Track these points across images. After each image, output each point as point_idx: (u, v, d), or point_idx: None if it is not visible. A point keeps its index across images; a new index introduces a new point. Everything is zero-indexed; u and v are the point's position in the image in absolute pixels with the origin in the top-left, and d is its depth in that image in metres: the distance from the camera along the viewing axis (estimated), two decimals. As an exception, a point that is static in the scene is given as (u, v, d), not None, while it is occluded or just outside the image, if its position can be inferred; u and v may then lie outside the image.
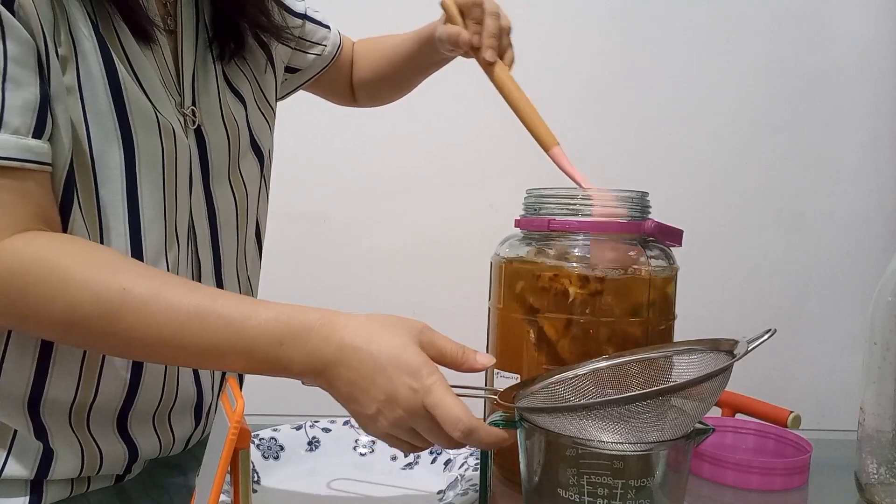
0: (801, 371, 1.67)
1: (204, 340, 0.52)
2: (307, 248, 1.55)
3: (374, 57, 0.95)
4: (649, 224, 0.63)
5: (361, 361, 0.52)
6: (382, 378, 0.51)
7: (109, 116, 0.58)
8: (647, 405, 0.47)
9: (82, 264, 0.52)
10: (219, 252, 0.71)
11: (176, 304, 0.52)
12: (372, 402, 0.52)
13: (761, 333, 0.49)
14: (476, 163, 1.57)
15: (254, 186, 0.76)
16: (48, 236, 0.54)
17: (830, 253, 1.66)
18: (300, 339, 0.53)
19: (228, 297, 0.54)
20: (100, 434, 0.64)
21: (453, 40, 0.78)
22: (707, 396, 0.50)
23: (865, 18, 1.62)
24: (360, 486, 0.68)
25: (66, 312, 0.52)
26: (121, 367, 0.63)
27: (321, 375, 0.53)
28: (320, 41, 0.90)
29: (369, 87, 0.97)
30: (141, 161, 0.60)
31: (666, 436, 0.49)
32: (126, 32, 0.60)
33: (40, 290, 0.51)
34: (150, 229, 0.62)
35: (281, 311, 0.53)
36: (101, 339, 0.53)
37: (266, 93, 0.78)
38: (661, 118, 1.61)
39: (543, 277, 0.63)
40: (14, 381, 0.60)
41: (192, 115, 0.67)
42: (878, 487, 0.66)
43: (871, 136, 1.65)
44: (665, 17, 1.60)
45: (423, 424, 0.52)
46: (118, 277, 0.52)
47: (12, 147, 0.51)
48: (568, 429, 0.50)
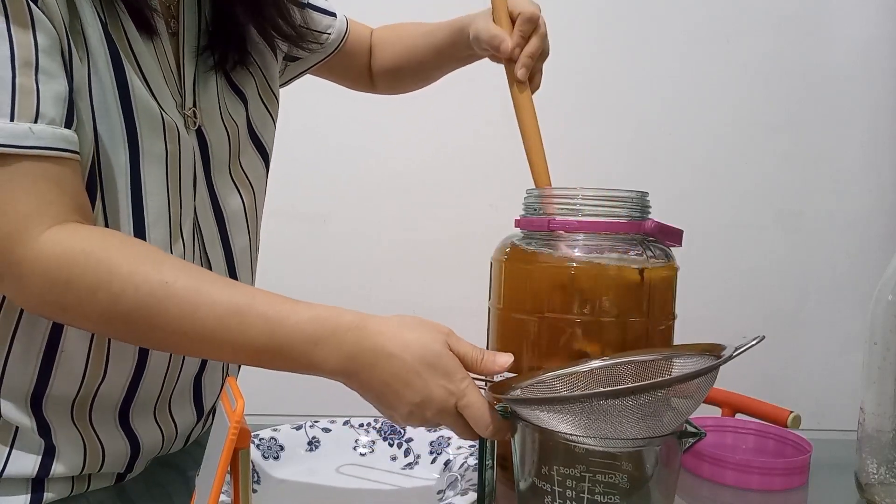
0: (801, 371, 1.67)
1: (242, 337, 0.54)
2: (307, 248, 1.55)
3: (397, 45, 0.93)
4: (649, 224, 0.63)
5: (395, 367, 0.54)
6: (419, 382, 0.54)
7: (116, 115, 0.59)
8: (630, 400, 0.48)
9: (126, 257, 0.53)
10: (231, 252, 0.72)
11: (216, 299, 0.53)
12: (407, 405, 0.55)
13: (749, 340, 0.50)
14: (476, 163, 1.56)
15: (260, 184, 0.76)
16: (90, 229, 0.55)
17: (830, 253, 1.66)
18: (335, 341, 0.54)
19: (266, 296, 0.55)
20: (101, 427, 0.64)
21: (495, 43, 0.76)
22: (692, 395, 0.50)
23: (865, 18, 1.62)
24: (360, 485, 0.68)
25: (108, 304, 0.53)
26: (125, 363, 0.64)
27: (353, 377, 0.55)
28: (325, 30, 0.88)
29: (390, 75, 0.95)
30: (145, 160, 0.61)
31: (651, 433, 0.50)
32: (134, 32, 0.61)
33: (85, 281, 0.52)
34: (154, 227, 0.62)
35: (317, 312, 0.55)
36: (142, 332, 0.55)
37: (270, 81, 0.78)
38: (661, 118, 1.61)
39: (543, 277, 0.63)
40: (18, 377, 0.60)
41: (193, 116, 0.67)
42: (878, 487, 0.66)
43: (871, 136, 1.65)
44: (665, 17, 1.60)
45: (450, 421, 0.56)
46: (161, 271, 0.53)
47: (49, 137, 0.52)
48: (551, 423, 0.51)
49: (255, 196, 0.75)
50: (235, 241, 0.72)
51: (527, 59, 0.76)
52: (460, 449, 0.70)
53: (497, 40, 0.76)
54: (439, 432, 0.74)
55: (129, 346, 0.63)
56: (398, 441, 0.74)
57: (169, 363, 0.67)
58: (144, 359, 0.65)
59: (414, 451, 0.73)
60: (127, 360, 0.64)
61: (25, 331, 0.60)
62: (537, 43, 0.76)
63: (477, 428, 0.55)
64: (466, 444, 0.71)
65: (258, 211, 0.76)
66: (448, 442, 0.72)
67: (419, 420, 0.56)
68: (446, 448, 0.71)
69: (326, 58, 0.91)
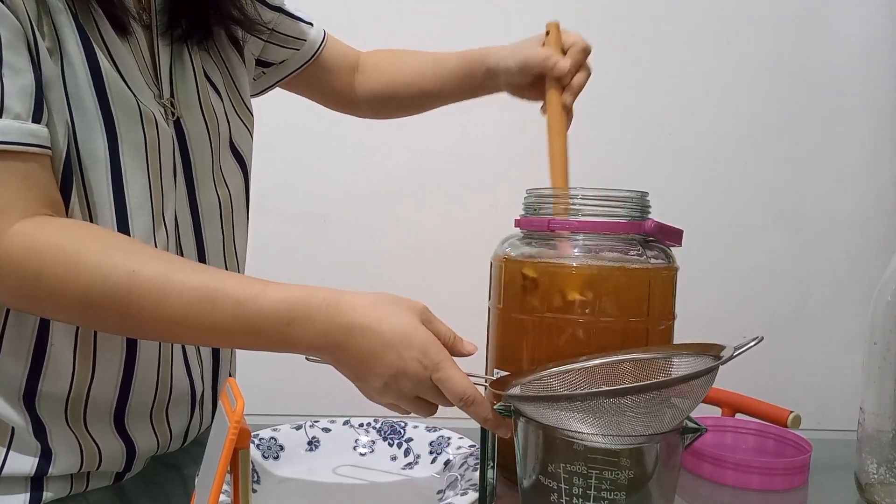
0: (801, 371, 1.67)
1: (213, 320, 0.54)
2: (307, 248, 1.55)
3: (397, 71, 0.94)
4: (649, 224, 0.63)
5: (371, 341, 0.54)
6: (392, 355, 0.54)
7: (92, 105, 0.59)
8: (631, 400, 0.48)
9: (93, 248, 0.53)
10: (202, 244, 0.72)
11: (186, 285, 0.54)
12: (380, 378, 0.55)
13: (748, 340, 0.51)
14: (476, 163, 1.56)
15: (238, 186, 0.76)
16: (58, 221, 0.55)
17: (830, 253, 1.66)
18: (308, 319, 0.54)
19: (236, 279, 0.56)
20: (97, 431, 0.64)
21: (550, 63, 0.77)
22: (691, 395, 0.50)
23: (865, 18, 1.62)
24: (360, 485, 0.68)
25: (79, 295, 0.53)
26: (113, 359, 0.64)
27: (328, 353, 0.56)
28: (298, 36, 0.88)
29: (381, 99, 0.95)
30: (124, 148, 0.61)
31: (650, 430, 0.50)
32: (105, 22, 0.61)
33: (54, 274, 0.52)
34: (137, 215, 0.62)
35: (288, 291, 0.55)
36: (116, 320, 0.55)
37: (241, 90, 0.78)
38: (661, 118, 1.61)
39: (543, 277, 0.63)
40: (9, 373, 0.60)
41: (171, 106, 0.67)
42: (878, 487, 0.66)
43: (871, 136, 1.65)
44: (665, 17, 1.60)
45: (429, 394, 0.56)
46: (128, 260, 0.53)
47: (15, 131, 0.52)
48: (552, 419, 0.51)
49: (233, 202, 0.75)
50: (208, 236, 0.73)
51: (577, 87, 0.78)
52: (460, 449, 0.70)
53: (553, 60, 0.78)
54: (439, 432, 0.74)
55: (115, 341, 0.64)
56: (398, 441, 0.74)
57: (159, 367, 0.68)
58: (133, 355, 0.65)
59: (414, 451, 0.73)
60: (115, 353, 0.64)
61: (14, 325, 0.60)
62: (586, 76, 0.79)
63: (452, 399, 0.55)
64: (466, 445, 0.71)
65: (234, 214, 0.76)
66: (448, 442, 0.72)
67: (395, 394, 0.56)
68: (446, 448, 0.71)
69: (301, 67, 0.91)
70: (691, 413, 0.53)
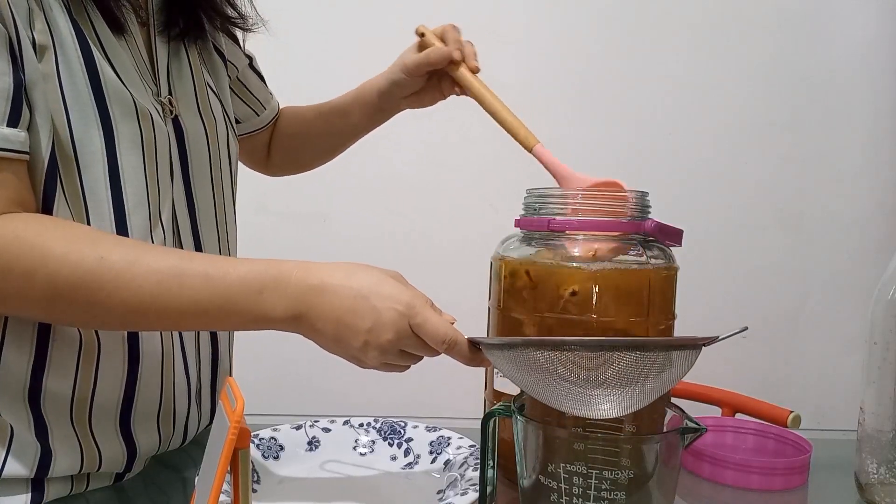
0: (801, 371, 1.67)
1: (184, 299, 0.54)
2: (307, 248, 1.55)
3: (301, 117, 0.96)
4: (649, 224, 0.63)
5: (342, 297, 0.54)
6: (366, 306, 0.54)
7: (88, 102, 0.59)
8: (603, 357, 0.48)
9: (60, 238, 0.53)
10: (200, 244, 0.73)
11: (153, 267, 0.54)
12: (358, 335, 0.55)
13: (735, 330, 0.51)
14: (476, 163, 1.56)
15: (229, 195, 0.78)
16: (25, 216, 0.54)
17: (830, 253, 1.66)
18: (279, 285, 0.55)
19: (204, 256, 0.57)
20: (100, 432, 0.64)
21: (445, 56, 0.80)
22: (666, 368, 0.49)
23: (865, 19, 1.62)
24: (360, 485, 0.68)
25: (47, 287, 0.52)
26: (117, 360, 0.64)
27: (303, 319, 0.55)
28: (264, 102, 0.92)
29: (291, 149, 0.98)
30: (121, 145, 0.61)
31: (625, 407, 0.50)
32: (100, 20, 0.61)
33: (20, 267, 0.52)
34: (135, 213, 0.62)
35: (256, 263, 0.56)
36: (84, 309, 0.54)
37: (226, 101, 0.79)
38: (661, 118, 1.61)
39: (543, 277, 0.63)
40: (13, 371, 0.60)
41: (168, 104, 0.68)
42: (878, 487, 0.66)
43: (871, 137, 1.65)
44: (665, 17, 1.60)
45: (410, 343, 0.56)
46: (95, 247, 0.53)
47: None
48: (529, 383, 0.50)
49: (225, 196, 0.76)
50: (205, 236, 0.73)
51: (471, 53, 0.81)
52: (460, 449, 0.70)
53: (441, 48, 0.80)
54: (439, 432, 0.74)
55: (116, 339, 0.63)
56: (398, 441, 0.74)
57: (162, 369, 0.68)
58: (136, 354, 0.65)
59: (414, 451, 0.73)
60: (117, 363, 0.64)
61: (14, 322, 0.60)
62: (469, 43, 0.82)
63: (433, 344, 0.55)
64: (466, 445, 0.71)
65: (227, 214, 0.77)
66: (448, 442, 0.72)
67: (377, 350, 0.55)
68: (446, 448, 0.71)
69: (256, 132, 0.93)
70: (691, 413, 0.53)
